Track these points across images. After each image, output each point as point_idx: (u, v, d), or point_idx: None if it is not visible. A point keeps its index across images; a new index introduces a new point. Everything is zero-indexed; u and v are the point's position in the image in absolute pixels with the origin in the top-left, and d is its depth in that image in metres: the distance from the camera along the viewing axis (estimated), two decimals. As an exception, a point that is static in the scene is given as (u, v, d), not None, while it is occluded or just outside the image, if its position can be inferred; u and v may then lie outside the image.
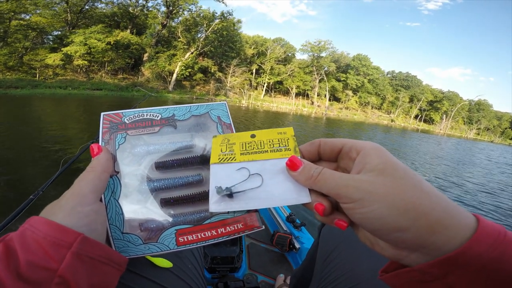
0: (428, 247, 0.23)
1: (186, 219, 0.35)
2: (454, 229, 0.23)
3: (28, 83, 12.96)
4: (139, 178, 0.36)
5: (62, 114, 8.77)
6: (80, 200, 0.31)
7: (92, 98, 13.37)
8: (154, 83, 22.33)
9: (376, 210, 0.25)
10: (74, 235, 0.27)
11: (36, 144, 4.99)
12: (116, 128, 0.38)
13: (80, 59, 16.47)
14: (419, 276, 0.25)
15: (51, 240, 0.26)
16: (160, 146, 0.38)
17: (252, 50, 32.27)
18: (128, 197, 0.35)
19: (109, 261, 0.30)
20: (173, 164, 0.37)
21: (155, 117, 0.40)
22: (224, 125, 0.41)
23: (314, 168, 0.31)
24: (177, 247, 0.33)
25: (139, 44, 20.83)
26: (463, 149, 17.12)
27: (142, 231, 0.33)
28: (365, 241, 0.30)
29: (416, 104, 42.35)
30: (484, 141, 42.89)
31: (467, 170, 9.25)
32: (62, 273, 0.25)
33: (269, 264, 1.37)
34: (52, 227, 0.27)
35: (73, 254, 0.27)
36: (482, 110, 45.49)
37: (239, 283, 0.96)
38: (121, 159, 0.36)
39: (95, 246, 0.29)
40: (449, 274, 0.23)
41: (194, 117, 0.41)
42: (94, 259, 0.29)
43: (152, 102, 13.23)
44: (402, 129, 34.17)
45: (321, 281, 0.55)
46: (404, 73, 43.18)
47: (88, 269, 0.28)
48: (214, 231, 0.34)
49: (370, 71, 37.61)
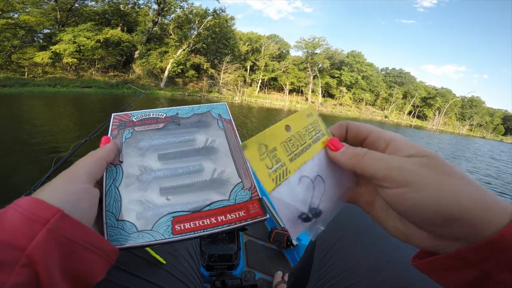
0: (474, 234, 0.23)
1: (184, 207, 0.34)
2: (496, 215, 0.22)
3: (16, 81, 13.08)
4: (141, 168, 0.37)
5: (51, 113, 8.87)
6: (72, 178, 0.30)
7: (81, 96, 13.54)
8: (145, 80, 22.45)
9: (430, 197, 0.23)
10: (53, 210, 0.25)
11: (26, 143, 4.96)
12: (124, 125, 0.41)
13: (69, 57, 16.56)
14: (455, 262, 0.24)
15: (27, 216, 0.24)
16: (163, 139, 0.40)
17: (246, 47, 32.35)
18: (128, 186, 0.35)
19: (93, 246, 0.27)
20: (175, 155, 0.38)
21: (160, 115, 0.43)
22: (225, 120, 0.43)
23: (358, 149, 0.29)
24: (173, 236, 0.31)
25: (130, 41, 20.92)
26: (450, 143, 17.49)
27: (138, 219, 0.32)
28: (396, 234, 0.28)
29: (409, 100, 42.65)
30: (476, 136, 43.36)
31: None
32: (31, 252, 0.23)
33: (267, 261, 1.36)
34: (32, 203, 0.25)
35: (48, 231, 0.24)
36: (474, 106, 45.93)
37: (236, 281, 0.96)
38: (126, 151, 0.38)
39: (76, 227, 0.26)
40: (486, 260, 0.22)
41: (196, 115, 0.44)
42: (73, 242, 0.26)
43: (144, 99, 13.42)
44: (395, 125, 34.56)
45: (319, 279, 0.55)
46: (398, 70, 43.40)
47: (64, 252, 0.25)
48: (213, 219, 0.33)
49: (364, 67, 37.79)
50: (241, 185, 0.36)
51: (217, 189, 0.35)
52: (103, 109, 10.51)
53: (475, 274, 0.23)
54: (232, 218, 0.33)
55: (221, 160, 0.38)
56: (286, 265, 1.36)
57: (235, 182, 0.36)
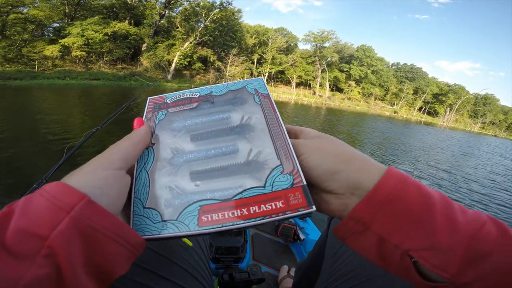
0: (359, 188, 0.27)
1: (214, 195, 0.30)
2: (373, 172, 0.28)
3: (27, 74, 13.59)
4: (173, 150, 0.34)
5: (61, 104, 9.19)
6: (104, 163, 0.28)
7: (89, 88, 14.01)
8: (153, 72, 22.90)
9: (315, 160, 0.30)
10: (78, 196, 0.23)
11: (37, 133, 5.02)
12: (158, 107, 0.40)
13: (78, 50, 17.06)
14: (354, 225, 0.27)
15: (52, 202, 0.22)
16: (196, 119, 0.38)
17: (254, 40, 32.31)
18: (159, 170, 0.33)
19: (119, 237, 0.25)
20: (208, 135, 0.36)
21: (194, 95, 0.41)
22: (261, 95, 0.40)
23: None
24: (198, 228, 0.27)
25: (137, 34, 21.30)
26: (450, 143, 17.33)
27: (165, 207, 0.29)
28: (321, 203, 0.31)
29: (420, 96, 41.80)
30: (488, 135, 42.24)
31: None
32: (52, 242, 0.21)
33: (273, 255, 1.35)
34: (58, 188, 0.23)
35: (71, 219, 0.22)
36: (488, 104, 44.58)
37: (244, 275, 0.94)
38: (160, 133, 0.37)
39: (102, 215, 0.24)
40: (374, 220, 0.26)
41: (231, 91, 0.41)
42: (98, 231, 0.23)
43: (151, 91, 13.76)
44: (405, 120, 34.05)
45: (330, 276, 0.54)
46: (409, 65, 42.45)
47: (88, 243, 0.23)
48: (245, 210, 0.28)
49: (374, 62, 37.20)
50: (280, 168, 0.31)
51: (252, 174, 0.31)
52: (114, 100, 10.90)
53: (374, 238, 0.26)
54: (267, 210, 0.28)
55: (257, 139, 0.34)
56: (292, 259, 1.34)
57: (274, 165, 0.31)
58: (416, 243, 0.24)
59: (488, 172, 8.95)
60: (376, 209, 0.26)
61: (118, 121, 2.02)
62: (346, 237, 0.29)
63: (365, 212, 0.26)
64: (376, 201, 0.26)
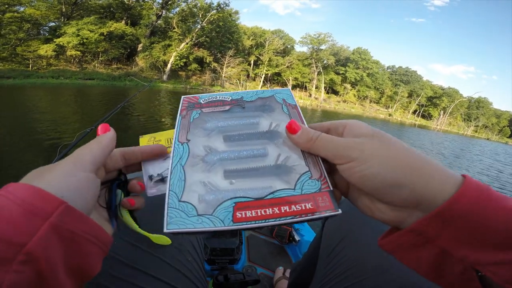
0: (424, 203, 0.24)
1: (247, 193, 0.31)
2: (444, 184, 0.24)
3: (20, 73, 13.50)
4: (207, 148, 0.36)
5: (54, 103, 9.15)
6: (77, 166, 0.28)
7: (83, 88, 13.93)
8: (148, 73, 22.84)
9: (373, 167, 0.26)
10: (56, 203, 0.23)
11: (30, 132, 4.96)
12: (192, 106, 0.42)
13: (73, 49, 16.97)
14: (413, 238, 0.25)
15: (26, 208, 0.22)
16: (229, 121, 0.40)
17: (250, 42, 32.38)
18: (193, 166, 0.34)
19: (95, 238, 0.26)
20: (239, 137, 0.38)
21: (226, 98, 0.43)
22: (289, 105, 0.42)
23: (313, 131, 0.33)
24: (233, 224, 0.29)
25: (133, 34, 21.23)
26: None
27: (199, 202, 0.30)
28: (364, 209, 0.31)
29: (415, 99, 42.24)
30: (480, 138, 42.82)
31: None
32: (31, 249, 0.21)
33: (268, 256, 1.35)
34: (30, 193, 0.23)
35: (51, 225, 0.22)
36: (481, 107, 45.26)
37: (239, 276, 0.94)
38: (193, 131, 0.38)
39: (80, 219, 0.25)
40: (441, 234, 0.23)
41: (261, 99, 0.43)
42: (77, 235, 0.24)
43: (147, 91, 13.74)
44: (399, 123, 34.37)
45: (324, 276, 0.55)
46: (404, 68, 42.87)
47: (67, 246, 0.23)
48: (276, 209, 0.30)
49: (369, 65, 37.52)
50: (309, 174, 0.33)
51: (281, 176, 0.33)
52: (109, 100, 10.84)
53: (435, 251, 0.24)
54: (298, 210, 0.29)
55: (285, 146, 0.36)
56: (287, 260, 1.35)
57: (302, 171, 0.33)
58: (488, 257, 0.23)
59: (477, 173, 9.12)
60: (446, 224, 0.23)
61: (113, 121, 2.04)
62: (397, 250, 0.27)
63: (431, 227, 0.24)
64: (448, 217, 0.23)
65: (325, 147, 0.31)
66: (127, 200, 0.35)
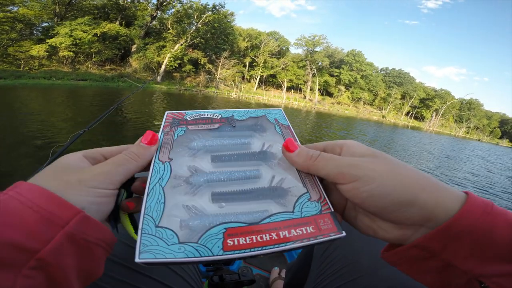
0: (432, 220, 0.25)
1: (239, 218, 0.28)
2: (449, 201, 0.25)
3: (11, 73, 13.32)
4: (192, 169, 0.33)
5: (44, 103, 9.06)
6: (107, 182, 0.27)
7: (76, 89, 13.77)
8: (142, 74, 22.70)
9: (381, 186, 0.26)
10: (74, 211, 0.23)
11: (20, 134, 4.85)
12: (177, 123, 0.39)
13: (65, 50, 16.79)
14: (418, 252, 0.25)
15: (43, 215, 0.21)
16: (218, 141, 0.37)
17: (246, 43, 32.46)
18: (175, 187, 0.31)
19: (105, 243, 0.26)
20: (230, 158, 0.35)
21: (215, 116, 0.41)
22: (282, 126, 0.41)
23: (312, 150, 0.31)
24: (223, 253, 0.25)
25: (127, 35, 21.11)
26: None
27: (181, 228, 0.27)
28: (366, 231, 0.30)
29: (408, 101, 42.77)
30: (472, 139, 43.54)
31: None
32: (44, 255, 0.21)
33: (264, 257, 1.42)
34: (47, 199, 0.22)
35: (66, 234, 0.22)
36: (473, 109, 46.04)
37: (234, 276, 0.94)
38: (177, 149, 0.35)
39: (95, 227, 0.25)
40: (445, 249, 0.24)
41: (252, 118, 0.41)
42: (91, 242, 0.24)
43: (140, 93, 13.64)
44: (392, 125, 34.72)
45: (319, 275, 0.54)
46: (397, 70, 43.40)
47: (81, 253, 0.24)
48: (274, 234, 0.27)
49: (363, 67, 37.87)
50: (308, 195, 0.31)
51: (277, 199, 0.31)
52: (100, 101, 10.74)
53: (439, 264, 0.25)
54: (298, 235, 0.27)
55: (280, 167, 0.35)
56: (283, 261, 1.35)
57: (300, 193, 0.31)
58: (493, 269, 0.23)
59: (467, 172, 9.30)
60: (452, 239, 0.24)
61: (107, 122, 2.00)
62: (401, 263, 0.27)
63: (435, 242, 0.24)
64: (454, 232, 0.24)
65: (326, 166, 0.29)
66: (126, 204, 0.33)
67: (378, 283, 0.44)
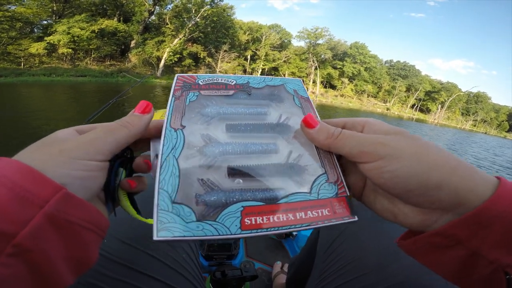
0: (463, 205, 0.22)
1: (256, 195, 0.27)
2: (481, 186, 0.22)
3: (12, 71, 13.86)
4: (205, 138, 0.31)
5: (45, 100, 9.45)
6: (92, 152, 0.24)
7: (75, 85, 14.30)
8: (141, 69, 23.16)
9: (408, 166, 0.24)
10: (54, 188, 0.20)
11: (20, 130, 5.07)
12: (189, 87, 0.36)
13: (64, 47, 17.25)
14: (441, 240, 0.23)
15: (17, 193, 0.18)
16: (232, 108, 0.35)
17: (247, 36, 32.46)
18: (189, 159, 0.28)
19: (94, 226, 0.23)
20: (246, 128, 0.33)
21: (230, 82, 0.38)
22: (302, 98, 0.38)
23: (333, 127, 0.30)
24: (241, 231, 0.25)
25: (126, 31, 21.47)
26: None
27: (198, 204, 0.26)
28: (385, 214, 0.28)
29: (413, 93, 42.12)
30: (479, 132, 42.70)
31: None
32: (22, 240, 0.18)
33: (266, 251, 1.33)
34: (24, 174, 0.19)
35: (46, 215, 0.19)
36: (480, 102, 44.96)
37: (237, 272, 0.93)
38: (190, 115, 0.33)
39: (79, 206, 0.22)
40: (473, 237, 0.22)
41: (269, 87, 0.38)
42: (75, 224, 0.21)
43: (139, 87, 14.05)
44: (397, 117, 34.44)
45: (323, 271, 0.52)
46: (402, 63, 42.62)
47: (66, 238, 0.21)
48: (291, 215, 0.26)
49: (367, 59, 37.40)
50: (325, 177, 0.30)
51: (294, 177, 0.29)
52: (100, 96, 11.10)
53: (463, 253, 0.23)
54: (314, 217, 0.27)
55: (297, 142, 0.32)
56: (285, 255, 1.34)
57: (318, 173, 0.30)
58: None
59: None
60: (481, 227, 0.21)
61: (107, 116, 2.35)
62: (421, 252, 0.25)
63: (462, 230, 0.22)
64: (485, 219, 0.21)
65: (349, 143, 0.28)
66: (127, 181, 0.30)
67: (387, 279, 0.41)
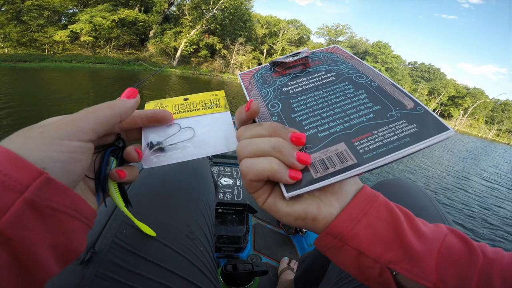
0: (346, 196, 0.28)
1: None
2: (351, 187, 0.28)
3: (36, 57, 15.02)
4: None
5: (66, 85, 10.26)
6: (73, 131, 0.23)
7: (94, 71, 15.36)
8: (158, 58, 24.15)
9: None
10: (34, 173, 0.19)
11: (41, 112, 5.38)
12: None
13: (86, 35, 18.34)
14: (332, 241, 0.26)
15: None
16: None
17: (264, 30, 32.60)
18: None
19: (79, 214, 0.22)
20: None
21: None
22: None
23: None
24: None
25: (145, 21, 22.39)
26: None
27: None
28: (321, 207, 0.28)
29: (435, 97, 40.57)
30: (501, 142, 40.52)
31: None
32: (2, 228, 0.17)
33: (274, 246, 1.33)
34: (2, 158, 0.18)
35: (26, 202, 0.18)
36: (507, 110, 42.43)
37: (248, 266, 0.91)
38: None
39: (61, 192, 0.21)
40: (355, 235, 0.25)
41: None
42: (58, 211, 0.20)
43: (155, 76, 14.90)
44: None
45: (341, 272, 0.49)
46: (427, 65, 40.99)
47: (49, 225, 0.20)
48: None
49: (389, 59, 36.39)
50: None
51: None
52: (115, 82, 11.91)
53: (353, 253, 0.25)
54: None
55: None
56: (293, 251, 1.32)
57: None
58: (395, 255, 0.24)
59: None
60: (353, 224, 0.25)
61: None
62: (326, 251, 0.28)
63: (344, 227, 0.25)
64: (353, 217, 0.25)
65: None
66: (116, 171, 0.28)
67: None
